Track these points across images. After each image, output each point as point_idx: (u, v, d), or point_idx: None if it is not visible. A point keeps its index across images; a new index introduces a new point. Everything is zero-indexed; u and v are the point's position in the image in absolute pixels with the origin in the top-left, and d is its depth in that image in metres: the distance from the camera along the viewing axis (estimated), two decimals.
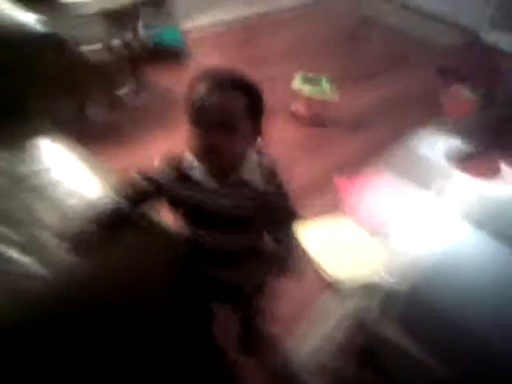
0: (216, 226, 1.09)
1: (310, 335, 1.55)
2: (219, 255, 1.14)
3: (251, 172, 1.06)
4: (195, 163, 1.04)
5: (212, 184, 1.04)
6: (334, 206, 2.10)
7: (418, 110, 2.95)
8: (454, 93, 2.87)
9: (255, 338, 1.52)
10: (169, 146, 1.16)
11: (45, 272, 0.99)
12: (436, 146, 2.28)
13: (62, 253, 1.02)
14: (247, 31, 3.67)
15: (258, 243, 1.18)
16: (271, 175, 1.10)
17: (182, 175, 1.06)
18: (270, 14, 3.98)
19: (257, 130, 1.06)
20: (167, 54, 3.04)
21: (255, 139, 1.07)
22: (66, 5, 2.12)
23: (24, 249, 1.03)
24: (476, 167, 2.11)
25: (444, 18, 4.23)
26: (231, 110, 0.97)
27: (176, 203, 1.11)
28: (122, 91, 2.59)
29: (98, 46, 2.53)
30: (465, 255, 1.35)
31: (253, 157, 1.08)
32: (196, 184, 1.05)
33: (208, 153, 0.99)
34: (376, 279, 1.17)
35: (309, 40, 3.69)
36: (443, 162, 2.16)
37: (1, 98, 1.47)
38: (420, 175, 1.91)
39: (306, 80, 2.72)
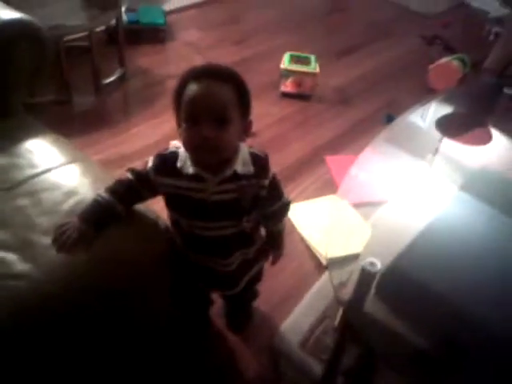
0: (209, 217, 1.09)
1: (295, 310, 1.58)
2: (212, 243, 1.14)
3: (245, 165, 1.06)
4: (188, 158, 1.04)
5: (206, 178, 1.03)
6: (324, 183, 2.11)
7: (406, 80, 2.95)
8: (441, 64, 2.85)
9: (244, 316, 1.55)
10: (156, 131, 1.15)
11: (38, 274, 0.99)
12: (427, 116, 2.27)
13: (54, 254, 1.02)
14: (231, 8, 3.62)
15: (250, 229, 1.18)
16: (264, 168, 1.10)
17: (174, 170, 1.04)
18: None
19: (246, 123, 1.06)
20: (149, 33, 2.99)
21: (246, 132, 1.07)
22: None
23: (18, 252, 1.02)
24: (467, 135, 2.11)
25: None
26: (223, 102, 0.97)
27: (169, 198, 1.11)
28: (108, 78, 2.55)
29: (82, 33, 2.49)
30: (453, 224, 1.37)
31: (245, 150, 1.08)
32: (189, 178, 1.03)
33: (201, 146, 0.97)
34: (357, 252, 1.18)
35: (294, 15, 3.64)
36: (435, 131, 2.16)
37: None
38: (412, 145, 1.90)
39: (294, 59, 2.69)
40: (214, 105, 0.96)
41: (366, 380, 1.36)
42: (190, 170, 1.03)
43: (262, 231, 1.28)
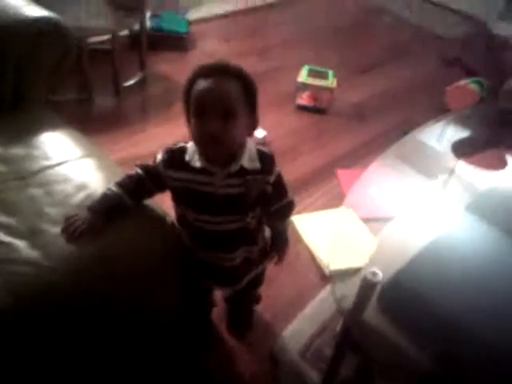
0: (216, 211, 1.11)
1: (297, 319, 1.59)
2: (217, 238, 1.16)
3: (251, 161, 1.08)
4: (196, 152, 1.06)
5: (214, 172, 1.06)
6: (334, 196, 2.12)
7: (423, 100, 2.96)
8: (459, 85, 2.85)
9: (244, 319, 1.56)
10: (172, 134, 1.18)
11: (45, 261, 1.02)
12: (442, 137, 2.27)
13: (62, 244, 1.05)
14: (254, 21, 3.67)
15: (253, 227, 1.20)
16: (270, 165, 1.12)
17: (183, 164, 1.07)
18: (277, 5, 3.98)
19: (253, 119, 1.08)
20: (171, 41, 3.05)
21: (253, 128, 1.09)
22: None
23: (27, 239, 1.05)
24: (482, 159, 2.10)
25: (451, 7, 4.21)
26: (229, 97, 0.99)
27: (177, 192, 1.13)
28: (129, 81, 2.60)
29: (106, 36, 2.54)
30: (456, 242, 1.37)
31: (252, 147, 1.10)
32: (197, 172, 1.06)
33: (208, 140, 1.00)
34: (360, 266, 1.19)
35: (315, 30, 3.69)
36: (449, 153, 2.16)
37: (3, 90, 1.49)
38: (425, 165, 1.91)
39: (312, 73, 2.72)
40: (221, 99, 0.99)
41: None
42: (198, 163, 1.05)
43: (266, 233, 1.30)
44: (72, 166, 1.26)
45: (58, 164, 1.25)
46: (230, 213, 1.12)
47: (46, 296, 0.99)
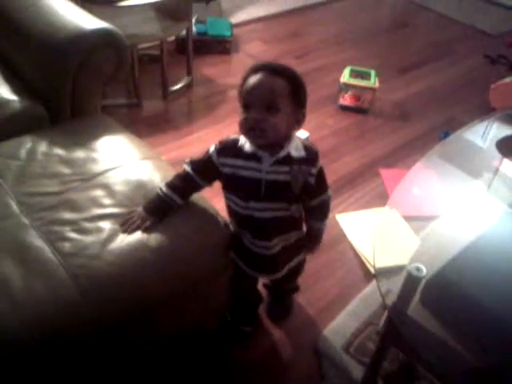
0: (263, 198, 1.18)
1: (341, 314, 1.64)
2: (261, 226, 1.24)
3: (297, 151, 1.16)
4: (247, 141, 1.15)
5: (262, 157, 1.14)
6: (377, 195, 2.16)
7: (466, 99, 2.93)
8: (504, 83, 2.81)
9: (283, 307, 1.64)
10: (218, 136, 1.26)
11: (109, 256, 1.12)
12: (486, 136, 2.25)
13: (122, 240, 1.15)
14: (296, 23, 3.72)
15: (296, 214, 1.28)
16: (315, 157, 1.19)
17: (235, 150, 1.16)
18: (318, 5, 4.01)
19: (299, 116, 1.16)
20: (216, 44, 3.13)
21: (298, 124, 1.17)
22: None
23: (92, 235, 1.16)
24: None
25: (495, 1, 4.14)
26: (273, 91, 1.08)
27: (227, 179, 1.21)
28: (176, 85, 2.70)
29: (154, 42, 2.66)
30: (502, 241, 1.38)
31: (298, 140, 1.19)
32: (248, 157, 1.15)
33: (252, 127, 1.09)
34: (405, 263, 1.22)
35: (356, 30, 3.70)
36: (494, 152, 2.14)
37: (63, 100, 1.59)
38: (469, 164, 1.90)
39: (354, 73, 2.75)
40: (264, 93, 1.08)
41: None
42: (249, 149, 1.14)
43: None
44: (131, 167, 1.36)
45: (118, 166, 1.35)
46: (276, 200, 1.20)
47: (110, 287, 1.08)
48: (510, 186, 1.77)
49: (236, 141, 1.18)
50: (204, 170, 1.21)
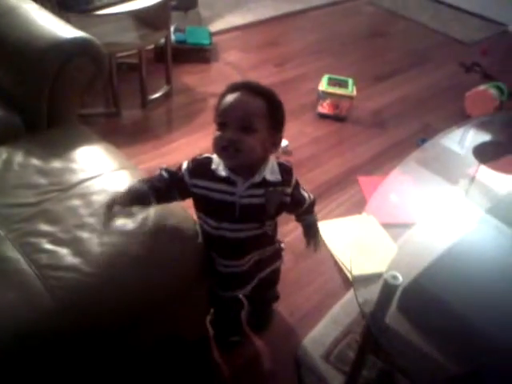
0: (236, 219, 1.16)
1: (321, 322, 1.65)
2: (234, 245, 1.22)
3: (273, 174, 1.15)
4: (221, 162, 1.13)
5: (237, 181, 1.12)
6: (355, 202, 2.17)
7: (442, 106, 2.98)
8: (478, 90, 2.87)
9: (263, 316, 1.64)
10: (197, 144, 1.25)
11: (86, 267, 1.11)
12: (463, 142, 2.29)
13: (101, 252, 1.14)
14: (274, 31, 3.74)
15: (271, 232, 1.28)
16: (289, 177, 1.19)
17: (208, 172, 1.13)
18: (297, 14, 4.04)
19: (276, 139, 1.14)
20: (195, 53, 3.12)
21: (275, 146, 1.14)
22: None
23: (69, 246, 1.14)
24: (504, 164, 2.12)
25: (470, 11, 4.23)
26: (249, 112, 1.06)
27: (199, 200, 1.19)
28: (155, 93, 2.69)
29: (133, 50, 2.64)
30: (479, 248, 1.40)
31: (273, 161, 1.17)
32: (221, 181, 1.12)
33: (224, 147, 1.06)
34: (382, 271, 1.23)
35: (334, 39, 3.74)
36: (470, 158, 2.18)
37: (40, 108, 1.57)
38: (446, 171, 1.93)
39: (332, 81, 2.78)
40: (241, 113, 1.06)
41: None
42: (223, 172, 1.12)
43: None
44: (108, 177, 1.35)
45: (95, 176, 1.34)
46: (249, 221, 1.18)
47: (87, 299, 1.07)
48: (486, 192, 1.80)
49: (209, 161, 1.14)
50: (179, 183, 1.17)
